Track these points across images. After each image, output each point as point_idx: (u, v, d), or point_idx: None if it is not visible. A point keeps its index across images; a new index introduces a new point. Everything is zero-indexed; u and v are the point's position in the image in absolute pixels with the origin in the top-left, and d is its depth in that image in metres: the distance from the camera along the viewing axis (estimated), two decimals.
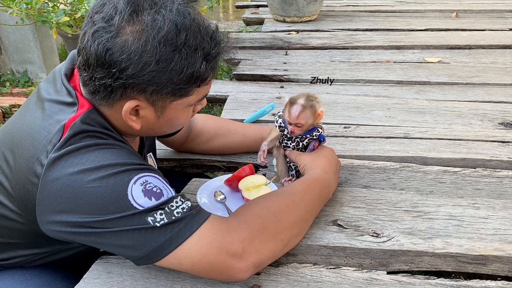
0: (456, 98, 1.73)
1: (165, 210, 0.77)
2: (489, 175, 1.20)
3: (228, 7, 5.29)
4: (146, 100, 0.82)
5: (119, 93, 0.80)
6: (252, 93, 1.83)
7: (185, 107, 0.87)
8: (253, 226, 0.83)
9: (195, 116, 1.33)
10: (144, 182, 0.78)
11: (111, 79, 0.77)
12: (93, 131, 0.82)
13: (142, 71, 0.76)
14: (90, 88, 0.81)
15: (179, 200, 0.79)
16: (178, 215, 0.78)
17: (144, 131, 0.90)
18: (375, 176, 1.21)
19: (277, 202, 0.91)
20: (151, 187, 0.78)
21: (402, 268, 0.94)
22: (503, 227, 0.98)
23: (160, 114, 0.85)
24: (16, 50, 3.33)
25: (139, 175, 0.78)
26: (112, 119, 0.87)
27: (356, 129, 1.48)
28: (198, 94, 0.86)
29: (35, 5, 1.97)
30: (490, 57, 2.18)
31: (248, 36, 2.65)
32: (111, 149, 0.81)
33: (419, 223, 1.00)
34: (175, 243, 0.77)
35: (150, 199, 0.77)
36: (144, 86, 0.79)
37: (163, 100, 0.83)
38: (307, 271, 0.91)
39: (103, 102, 0.83)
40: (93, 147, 0.79)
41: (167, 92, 0.81)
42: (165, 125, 0.89)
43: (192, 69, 0.79)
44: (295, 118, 1.05)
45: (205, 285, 0.87)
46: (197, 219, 0.79)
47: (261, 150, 1.13)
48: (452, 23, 2.78)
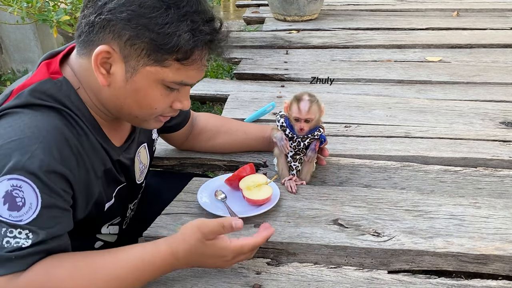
0: (457, 97, 1.73)
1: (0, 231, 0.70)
2: (490, 175, 1.20)
3: (229, 6, 5.29)
4: (120, 51, 0.80)
5: (98, 34, 0.79)
6: (253, 92, 1.83)
7: (158, 83, 0.83)
8: None
9: (198, 114, 1.33)
10: (16, 186, 0.72)
11: (95, 14, 0.78)
12: (37, 105, 0.79)
13: (122, 7, 0.77)
14: (79, 32, 0.83)
15: (23, 233, 0.71)
16: (4, 245, 0.70)
17: (111, 99, 0.85)
18: (376, 176, 1.21)
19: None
20: (17, 195, 0.71)
21: (403, 268, 0.94)
22: (504, 227, 0.98)
23: (129, 77, 0.82)
24: (16, 49, 3.33)
25: (18, 177, 0.72)
26: (86, 77, 0.85)
27: (357, 128, 1.48)
28: (176, 73, 0.82)
29: (35, 4, 1.97)
30: (491, 56, 2.17)
31: (248, 35, 2.65)
32: (35, 128, 0.75)
33: (420, 222, 1.00)
34: None
35: (5, 203, 0.71)
36: (120, 28, 0.78)
37: (136, 59, 0.80)
38: (307, 271, 0.91)
39: (83, 50, 0.83)
40: (24, 116, 0.76)
41: (141, 46, 0.79)
42: (131, 96, 0.84)
43: (172, 30, 0.77)
44: (305, 112, 1.06)
45: (205, 285, 0.87)
46: (6, 266, 0.70)
47: (282, 140, 1.09)
48: (453, 22, 2.77)
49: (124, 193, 1.03)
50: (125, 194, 1.04)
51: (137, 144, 1.05)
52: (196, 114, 1.33)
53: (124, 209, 1.07)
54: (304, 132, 1.09)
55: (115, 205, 1.00)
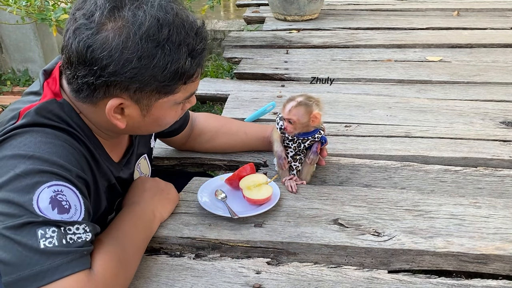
0: (457, 97, 1.72)
1: (59, 230, 0.71)
2: (490, 174, 1.20)
3: (229, 6, 5.28)
4: (130, 98, 0.80)
5: (102, 92, 0.78)
6: (253, 92, 1.83)
7: (172, 105, 0.85)
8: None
9: (197, 115, 1.33)
10: (58, 191, 0.73)
11: (93, 77, 0.76)
12: (45, 124, 0.79)
13: (124, 68, 0.75)
14: (74, 87, 0.80)
15: (81, 228, 0.74)
16: (69, 242, 0.71)
17: (130, 130, 0.89)
18: (376, 175, 1.21)
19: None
20: (61, 199, 0.73)
21: (403, 267, 0.94)
22: (504, 226, 0.98)
23: (146, 113, 0.83)
24: (17, 49, 3.33)
25: (57, 182, 0.74)
26: (96, 117, 0.85)
27: (357, 128, 1.48)
28: (185, 92, 0.84)
29: (34, 3, 1.96)
30: (491, 56, 2.17)
31: (249, 34, 2.65)
32: (50, 144, 0.77)
33: (420, 222, 1.00)
34: (49, 277, 0.69)
35: (53, 209, 0.72)
36: (126, 84, 0.77)
37: (148, 98, 0.81)
38: (308, 270, 0.91)
39: (87, 100, 0.82)
40: (35, 134, 0.77)
41: (151, 89, 0.79)
42: (152, 124, 0.87)
43: (176, 66, 0.78)
44: (287, 113, 1.06)
45: (205, 285, 0.87)
46: (81, 262, 0.72)
47: (281, 159, 1.11)
48: (454, 22, 2.77)
49: None
50: None
51: (136, 156, 1.06)
52: (196, 115, 1.32)
53: None
54: (290, 132, 1.08)
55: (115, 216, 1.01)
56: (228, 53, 2.36)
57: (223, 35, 3.56)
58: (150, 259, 0.93)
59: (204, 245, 0.97)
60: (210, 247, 0.97)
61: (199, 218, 1.03)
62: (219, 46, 3.46)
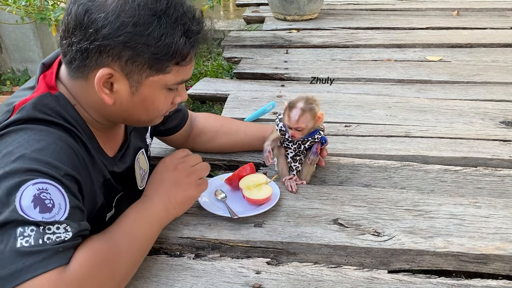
0: (457, 96, 1.72)
1: (38, 229, 0.70)
2: (490, 174, 1.20)
3: (229, 5, 5.28)
4: (121, 70, 0.80)
5: (94, 59, 0.79)
6: (253, 91, 1.83)
7: (162, 88, 0.85)
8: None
9: (197, 115, 1.33)
10: (42, 189, 0.73)
11: (88, 41, 0.77)
12: (40, 119, 0.80)
13: (118, 32, 0.76)
14: (68, 58, 0.81)
15: (61, 227, 0.73)
16: (46, 242, 0.70)
17: (118, 112, 0.87)
18: (376, 175, 1.21)
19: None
20: (45, 197, 0.72)
21: (403, 267, 0.93)
22: (504, 226, 0.98)
23: (135, 90, 0.83)
24: (16, 49, 3.33)
25: (43, 180, 0.73)
26: (87, 97, 0.85)
27: (357, 127, 1.48)
28: (176, 75, 0.84)
29: (33, 2, 1.96)
30: (491, 56, 2.17)
31: (248, 34, 2.64)
32: (43, 141, 0.77)
33: (420, 222, 1.00)
34: (23, 277, 0.68)
35: (35, 207, 0.71)
36: (119, 51, 0.78)
37: (139, 73, 0.81)
38: (308, 270, 0.90)
39: (78, 74, 0.82)
40: (29, 131, 0.77)
41: (143, 62, 0.80)
42: (140, 107, 0.86)
43: (170, 40, 0.79)
44: (295, 122, 1.05)
45: (205, 285, 0.87)
46: (54, 259, 0.71)
47: (266, 152, 1.12)
48: (453, 22, 2.77)
49: (125, 201, 1.03)
50: (125, 202, 1.04)
51: (134, 150, 1.05)
52: (195, 115, 1.32)
53: None
54: (297, 138, 1.08)
55: (116, 214, 1.00)
56: (227, 52, 2.36)
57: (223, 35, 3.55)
58: (150, 259, 0.93)
59: (204, 245, 0.97)
60: (210, 247, 0.97)
61: (199, 218, 1.03)
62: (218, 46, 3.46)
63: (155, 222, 0.91)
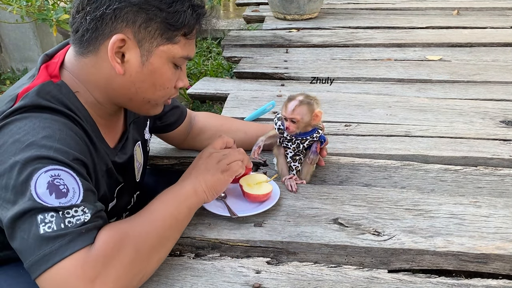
0: (457, 96, 1.72)
1: (58, 215, 0.72)
2: (490, 174, 1.20)
3: (229, 5, 5.28)
4: (134, 36, 0.83)
5: (109, 25, 0.82)
6: (253, 91, 1.82)
7: (169, 61, 0.88)
8: (120, 265, 0.76)
9: (197, 114, 1.33)
10: (55, 175, 0.74)
11: (104, 6, 0.81)
12: (43, 107, 0.81)
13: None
14: (81, 32, 0.84)
15: (79, 210, 0.74)
16: (67, 225, 0.72)
17: (126, 87, 0.88)
18: (376, 175, 1.21)
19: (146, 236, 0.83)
20: (59, 183, 0.74)
21: (403, 267, 0.93)
22: (504, 226, 0.98)
23: (145, 60, 0.85)
24: (16, 48, 3.33)
25: (54, 167, 0.75)
26: (95, 74, 0.87)
27: (357, 127, 1.48)
28: (183, 48, 0.88)
29: (35, 3, 1.96)
30: (491, 55, 2.17)
31: (248, 34, 2.64)
32: (48, 128, 0.78)
33: (420, 221, 1.00)
34: (52, 260, 0.71)
35: (51, 194, 0.73)
36: (134, 14, 0.81)
37: (150, 41, 0.84)
38: (307, 270, 0.90)
39: (90, 48, 0.84)
40: (34, 119, 0.78)
41: (155, 27, 0.83)
42: (148, 80, 0.87)
43: (180, 7, 0.83)
44: (290, 112, 1.05)
45: (205, 284, 0.86)
46: (79, 240, 0.73)
47: (256, 146, 1.13)
48: (453, 21, 2.77)
49: (124, 193, 1.04)
50: (124, 194, 1.04)
51: (133, 142, 1.06)
52: (195, 113, 1.33)
53: (122, 209, 1.07)
54: (292, 132, 1.08)
55: (117, 205, 1.01)
56: (227, 52, 2.36)
57: (223, 34, 3.55)
58: None
59: (203, 245, 0.97)
60: (210, 247, 0.97)
61: (198, 218, 1.03)
62: (218, 45, 3.46)
63: (183, 201, 0.91)
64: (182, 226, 0.91)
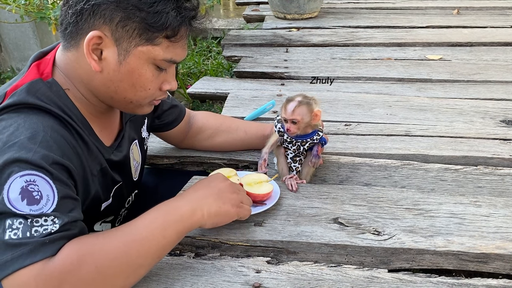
0: (458, 95, 1.72)
1: (26, 222, 0.71)
2: (490, 173, 1.20)
3: (229, 4, 5.27)
4: (112, 34, 0.81)
5: (88, 21, 0.81)
6: (253, 90, 1.82)
7: (149, 63, 0.85)
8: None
9: (196, 113, 1.32)
10: (30, 181, 0.73)
11: (83, 2, 0.80)
12: (32, 104, 0.80)
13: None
14: (65, 25, 0.84)
15: (49, 220, 0.72)
16: (33, 234, 0.71)
17: (105, 84, 0.86)
18: (376, 174, 1.21)
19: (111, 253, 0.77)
20: (32, 189, 0.72)
21: (403, 266, 0.93)
22: (504, 225, 0.98)
23: (123, 59, 0.83)
24: (16, 48, 3.32)
25: (30, 172, 0.73)
26: (78, 69, 0.86)
27: (357, 126, 1.47)
28: (166, 51, 0.84)
29: (33, 1, 1.96)
30: (491, 55, 2.17)
31: (248, 33, 2.64)
32: (31, 129, 0.77)
33: (420, 221, 1.00)
34: (11, 268, 0.69)
35: (23, 200, 0.72)
36: (111, 11, 0.80)
37: (128, 40, 0.82)
38: (308, 269, 0.90)
39: (72, 42, 0.84)
40: (18, 119, 0.78)
41: (133, 26, 0.81)
42: (126, 80, 0.85)
43: (161, 8, 0.80)
44: (290, 113, 1.05)
45: (205, 284, 0.86)
46: (40, 251, 0.71)
47: (261, 159, 1.12)
48: (454, 20, 2.77)
49: (121, 192, 1.03)
50: (122, 193, 1.04)
51: (129, 140, 1.05)
52: (195, 113, 1.32)
53: (119, 208, 1.07)
54: (293, 133, 1.08)
55: (112, 204, 1.00)
56: (227, 51, 2.35)
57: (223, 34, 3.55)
58: None
59: (203, 244, 0.97)
60: (210, 246, 0.97)
61: None
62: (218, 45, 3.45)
63: (172, 224, 0.83)
64: (163, 252, 0.82)
